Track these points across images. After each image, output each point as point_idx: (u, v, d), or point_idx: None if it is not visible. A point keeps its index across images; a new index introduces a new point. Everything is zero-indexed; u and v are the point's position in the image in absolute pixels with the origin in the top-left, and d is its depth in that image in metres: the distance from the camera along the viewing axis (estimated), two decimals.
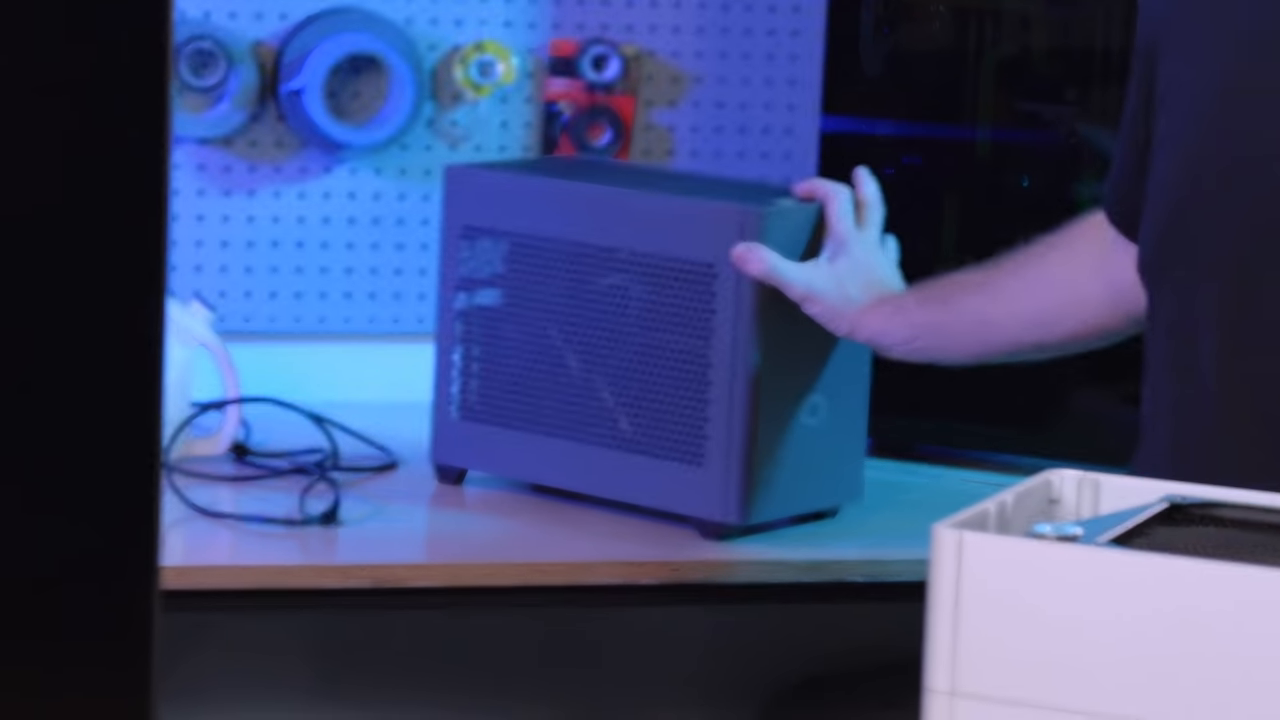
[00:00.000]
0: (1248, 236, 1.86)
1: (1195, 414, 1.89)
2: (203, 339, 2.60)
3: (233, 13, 2.88)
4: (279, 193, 2.92)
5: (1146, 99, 1.98)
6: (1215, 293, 1.86)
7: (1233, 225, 1.86)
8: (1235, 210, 1.87)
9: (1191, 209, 1.89)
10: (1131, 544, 1.13)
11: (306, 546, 2.39)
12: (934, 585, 1.11)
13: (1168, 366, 1.94)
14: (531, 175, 2.66)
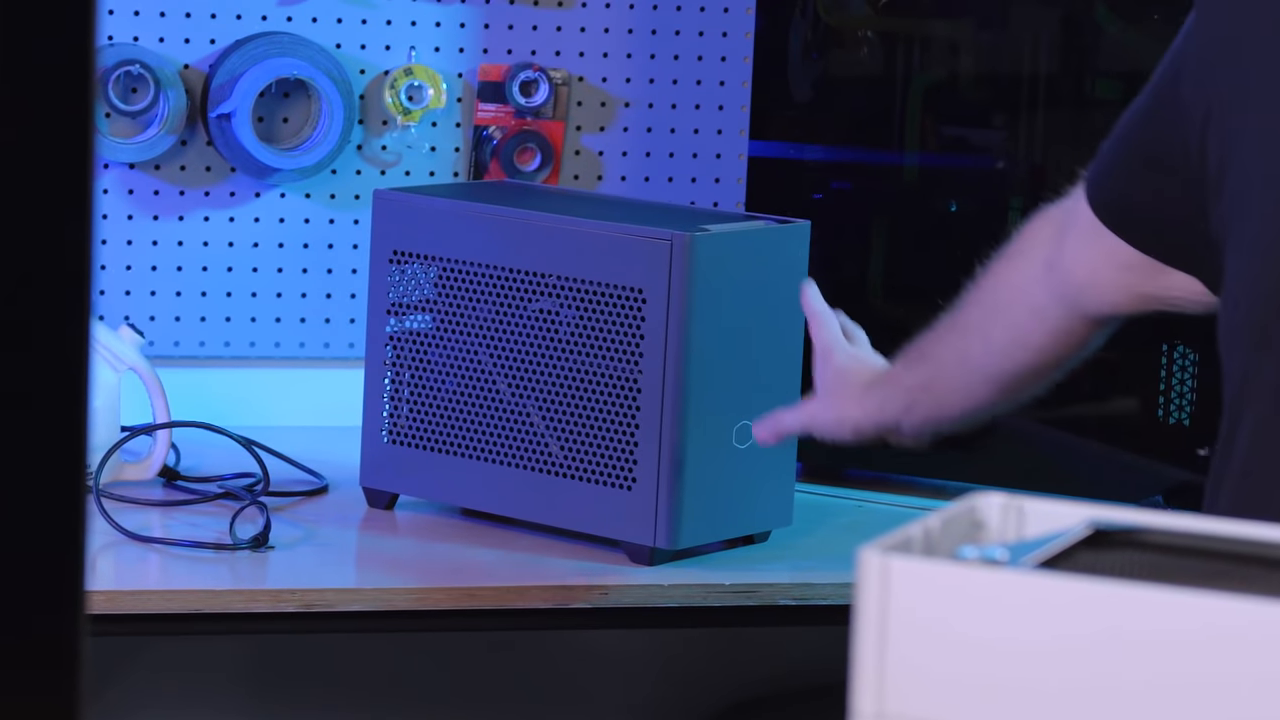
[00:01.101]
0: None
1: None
2: (132, 363, 2.59)
3: (161, 37, 2.87)
4: (208, 217, 2.92)
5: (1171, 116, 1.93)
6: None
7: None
8: None
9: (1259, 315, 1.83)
10: (1055, 567, 1.09)
11: (236, 571, 2.39)
12: (860, 609, 1.07)
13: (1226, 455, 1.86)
14: (461, 200, 2.65)
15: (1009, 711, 1.05)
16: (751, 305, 2.32)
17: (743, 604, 2.30)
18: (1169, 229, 1.96)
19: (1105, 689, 1.06)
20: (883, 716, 1.05)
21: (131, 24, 2.91)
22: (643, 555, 2.21)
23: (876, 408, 2.05)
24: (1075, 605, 1.03)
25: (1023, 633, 1.03)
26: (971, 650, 1.03)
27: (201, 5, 2.94)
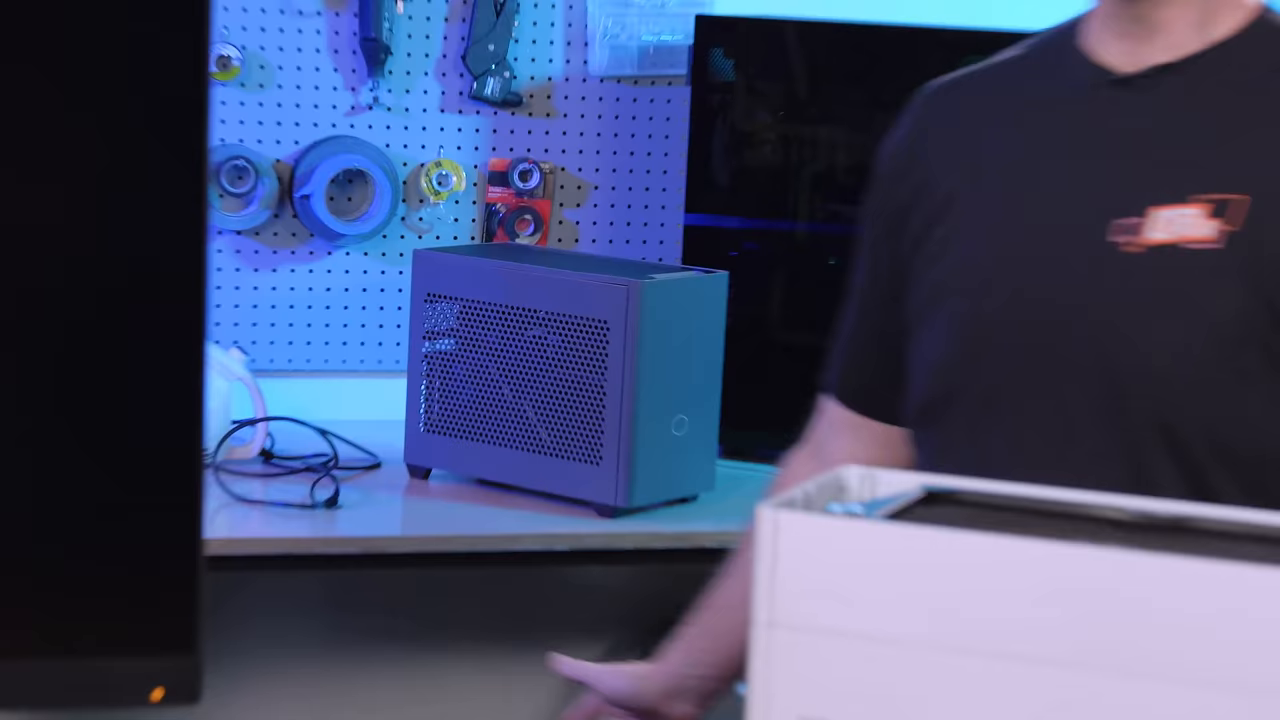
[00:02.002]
0: (1026, 371, 1.62)
1: None
2: (239, 375, 2.62)
3: (259, 139, 2.87)
4: (294, 269, 2.93)
5: (897, 267, 1.69)
6: (1006, 417, 1.60)
7: (1018, 361, 1.60)
8: (1018, 350, 1.61)
9: (982, 350, 1.61)
10: (897, 519, 1.10)
11: (315, 524, 2.41)
12: (758, 548, 1.06)
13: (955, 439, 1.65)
14: (476, 257, 2.68)
15: (863, 614, 1.04)
16: (686, 332, 2.35)
17: (678, 547, 2.36)
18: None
19: (926, 597, 1.04)
20: (773, 624, 1.06)
21: (238, 129, 2.88)
22: (607, 511, 2.26)
23: (678, 658, 1.65)
24: (910, 544, 1.03)
25: (872, 562, 1.04)
26: (836, 574, 1.04)
27: (288, 114, 2.93)
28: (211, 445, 2.55)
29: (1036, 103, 1.65)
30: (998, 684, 1.00)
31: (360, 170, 2.84)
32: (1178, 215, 1.52)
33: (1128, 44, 1.56)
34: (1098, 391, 1.53)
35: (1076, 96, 1.62)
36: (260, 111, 2.90)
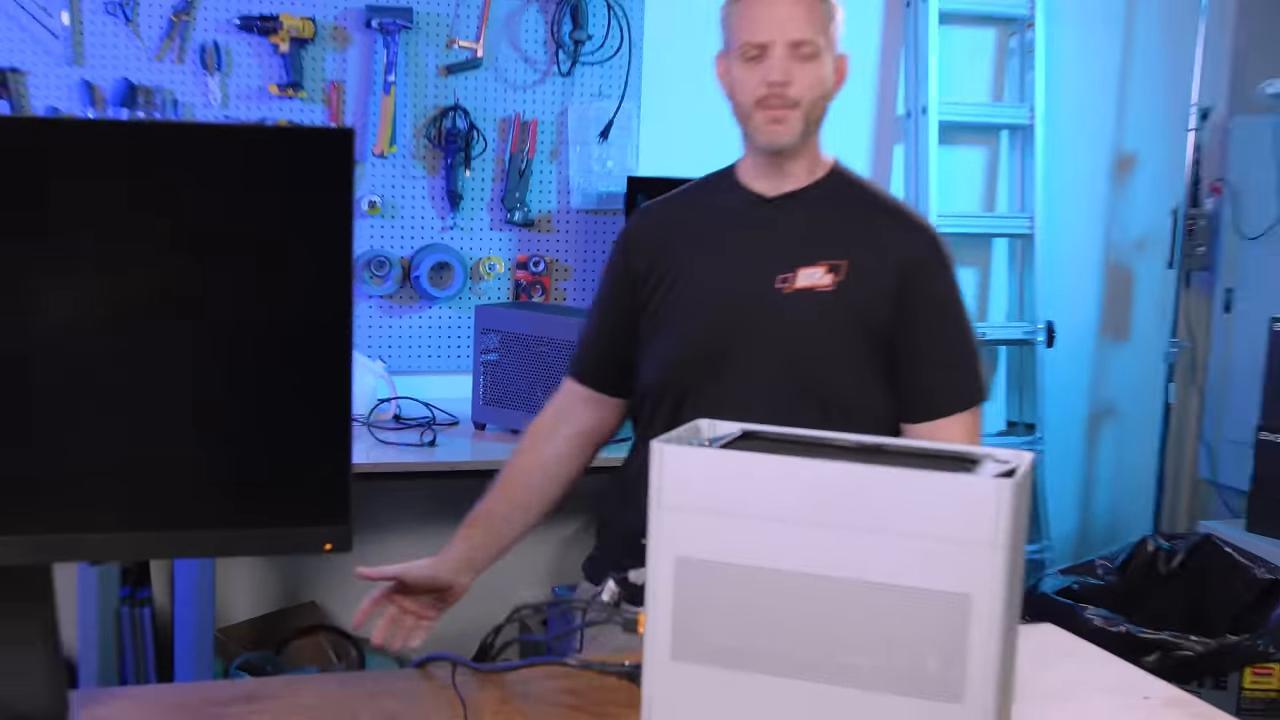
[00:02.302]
0: (729, 357, 1.73)
1: None
2: (381, 374, 3.01)
3: (392, 244, 3.18)
4: (411, 316, 3.24)
5: (631, 307, 1.80)
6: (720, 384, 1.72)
7: (725, 351, 1.73)
8: (724, 346, 1.73)
9: (703, 347, 1.74)
10: (726, 448, 1.18)
11: (421, 454, 2.69)
12: (653, 466, 1.14)
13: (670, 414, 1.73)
14: (510, 308, 2.97)
15: (711, 498, 1.14)
16: None
17: None
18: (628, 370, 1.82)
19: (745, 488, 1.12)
20: (661, 506, 1.15)
21: (381, 240, 3.17)
22: None
23: (442, 561, 1.65)
24: (736, 461, 1.14)
25: (715, 471, 1.14)
26: (696, 478, 1.14)
27: (408, 231, 3.19)
28: (366, 411, 2.90)
29: (720, 211, 1.79)
30: (785, 535, 1.11)
31: (447, 261, 3.18)
32: (811, 272, 1.72)
33: (769, 181, 1.76)
34: (772, 369, 1.71)
35: (744, 209, 1.77)
36: (392, 229, 3.19)
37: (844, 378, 1.73)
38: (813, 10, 1.69)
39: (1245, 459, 3.18)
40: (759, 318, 1.73)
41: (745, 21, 1.70)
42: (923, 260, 1.75)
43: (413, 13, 3.11)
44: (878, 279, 1.72)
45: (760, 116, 1.69)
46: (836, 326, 1.72)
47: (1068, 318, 3.80)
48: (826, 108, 1.74)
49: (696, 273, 1.77)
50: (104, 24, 2.99)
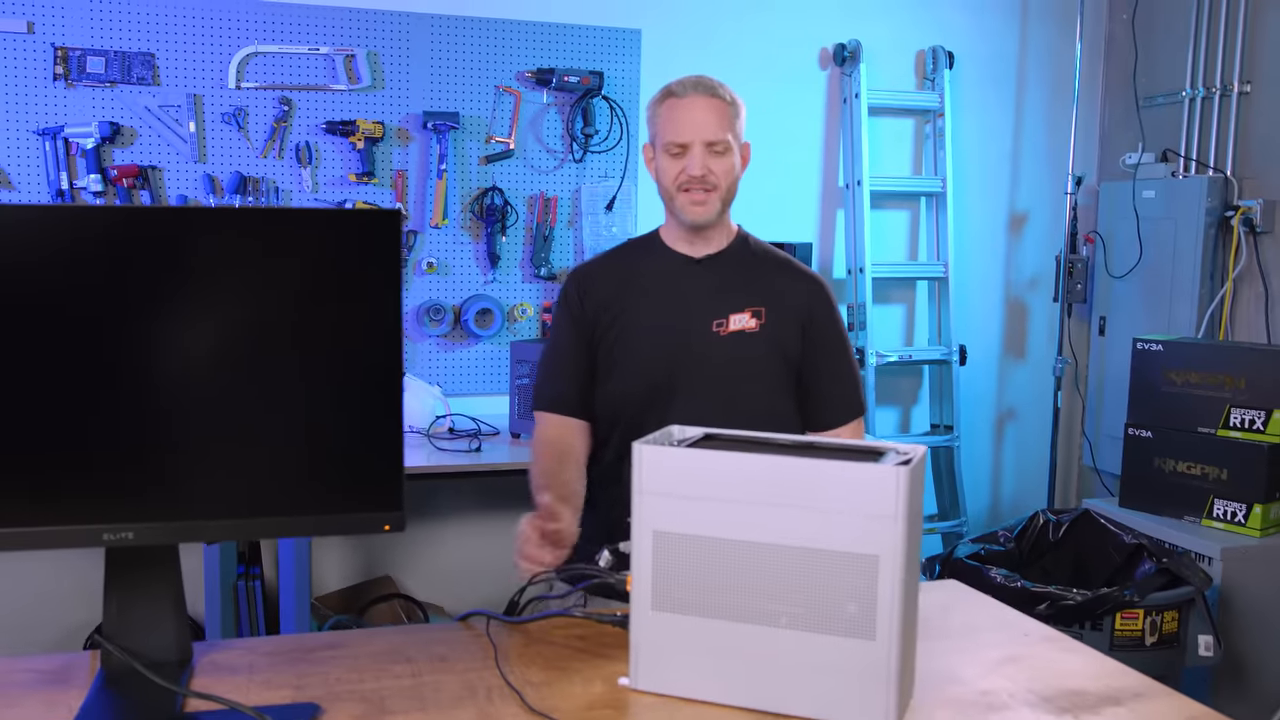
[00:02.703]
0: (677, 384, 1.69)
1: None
2: (438, 396, 2.99)
3: (445, 297, 3.17)
4: (462, 350, 3.21)
5: (589, 341, 1.73)
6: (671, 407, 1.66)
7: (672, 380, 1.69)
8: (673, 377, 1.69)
9: (655, 380, 1.69)
10: (692, 448, 1.19)
11: (470, 458, 2.64)
12: (635, 462, 1.17)
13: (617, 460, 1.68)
14: (537, 344, 2.81)
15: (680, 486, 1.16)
16: None
17: None
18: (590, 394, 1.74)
19: (707, 480, 1.15)
20: (642, 491, 1.18)
21: (436, 292, 3.17)
22: None
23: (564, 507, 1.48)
24: (699, 458, 1.17)
25: (684, 465, 1.16)
26: (669, 470, 1.16)
27: (457, 287, 3.18)
28: (426, 426, 2.87)
29: (655, 269, 1.75)
30: (738, 513, 1.12)
31: (489, 308, 3.18)
32: (740, 317, 1.71)
33: (694, 246, 1.75)
34: (712, 399, 1.67)
35: (677, 268, 1.74)
36: (446, 283, 3.19)
37: (766, 400, 1.72)
38: (723, 115, 1.67)
39: (1117, 449, 3.18)
40: (701, 355, 1.71)
41: (669, 124, 1.68)
42: (818, 303, 1.76)
43: (459, 116, 3.15)
44: (789, 320, 1.73)
45: (683, 199, 1.69)
46: (762, 360, 1.72)
47: (977, 342, 3.82)
48: (737, 187, 1.73)
49: (643, 318, 1.73)
50: (221, 130, 3.04)
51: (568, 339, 1.77)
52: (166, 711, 1.09)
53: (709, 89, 1.68)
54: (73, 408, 1.10)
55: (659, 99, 1.72)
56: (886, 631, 1.12)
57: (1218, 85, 3.35)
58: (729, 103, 1.69)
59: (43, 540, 1.11)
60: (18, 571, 2.99)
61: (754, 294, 1.73)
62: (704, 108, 1.66)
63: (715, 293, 1.73)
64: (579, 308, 1.77)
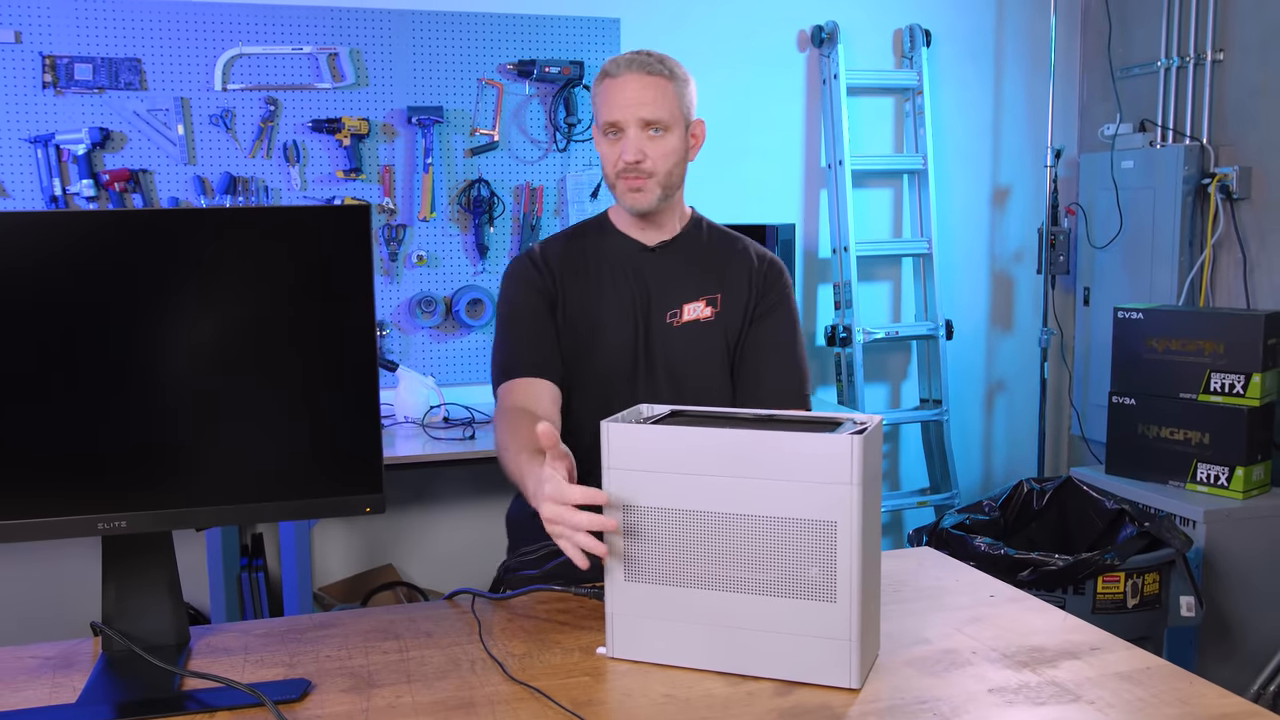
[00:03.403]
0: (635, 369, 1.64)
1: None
2: (432, 386, 2.97)
3: (437, 289, 3.17)
4: (454, 341, 3.23)
5: (552, 312, 1.62)
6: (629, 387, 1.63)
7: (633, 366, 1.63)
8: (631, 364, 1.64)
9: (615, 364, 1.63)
10: (658, 423, 1.22)
11: (464, 445, 2.65)
12: (604, 439, 1.19)
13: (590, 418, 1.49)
14: None
15: (644, 460, 1.18)
16: None
17: None
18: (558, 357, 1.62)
19: (669, 453, 1.18)
20: (610, 467, 1.20)
21: (427, 284, 3.13)
22: None
23: None
24: (663, 433, 1.18)
25: (650, 439, 1.19)
26: (634, 446, 1.19)
27: (448, 278, 3.15)
28: (421, 415, 2.88)
29: (609, 255, 1.66)
30: (702, 485, 1.16)
31: (479, 298, 3.18)
32: (694, 306, 1.66)
33: (645, 233, 1.67)
34: (666, 387, 1.64)
35: (630, 255, 1.66)
36: (436, 275, 3.19)
37: (713, 385, 1.66)
38: (662, 91, 1.56)
39: (1104, 418, 3.21)
40: (656, 348, 1.64)
41: (603, 103, 1.58)
42: (771, 287, 1.69)
43: (443, 110, 3.16)
44: (742, 304, 1.68)
45: (622, 185, 1.59)
46: (714, 349, 1.66)
47: (963, 315, 3.84)
48: (684, 170, 1.63)
49: (604, 308, 1.64)
50: (210, 132, 3.07)
51: (533, 306, 1.62)
52: (165, 691, 1.13)
53: (645, 65, 1.57)
54: (66, 404, 1.13)
55: (598, 79, 1.62)
56: (847, 593, 1.15)
57: (1191, 54, 3.37)
58: (669, 78, 1.58)
59: (41, 531, 1.14)
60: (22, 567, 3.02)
61: (707, 281, 1.67)
62: (639, 85, 1.55)
63: (669, 281, 1.66)
64: (539, 281, 1.63)
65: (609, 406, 1.53)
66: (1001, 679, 1.19)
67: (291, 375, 1.19)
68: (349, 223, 1.18)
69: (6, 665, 1.24)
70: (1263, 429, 2.87)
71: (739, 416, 1.27)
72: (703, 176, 3.43)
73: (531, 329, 1.62)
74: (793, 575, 1.17)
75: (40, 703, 1.14)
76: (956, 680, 1.18)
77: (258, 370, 1.17)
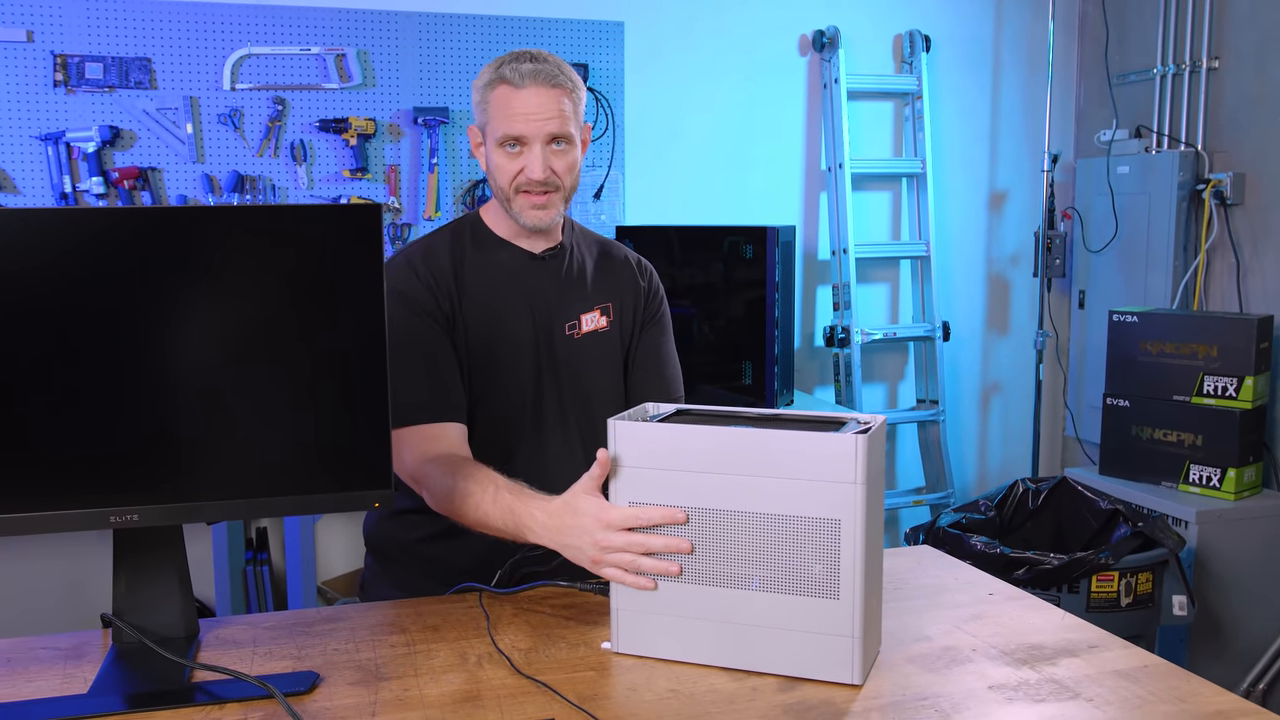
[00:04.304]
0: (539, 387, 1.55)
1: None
2: None
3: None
4: None
5: (450, 336, 1.50)
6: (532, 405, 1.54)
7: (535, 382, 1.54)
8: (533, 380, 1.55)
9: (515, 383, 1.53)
10: (664, 421, 1.21)
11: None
12: (611, 436, 1.19)
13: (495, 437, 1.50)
14: None
15: (651, 458, 1.18)
16: None
17: None
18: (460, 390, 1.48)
19: (674, 451, 1.17)
20: (620, 463, 1.20)
21: None
22: None
23: None
24: (668, 431, 1.18)
25: (655, 437, 1.18)
26: (641, 443, 1.19)
27: None
28: None
29: (496, 267, 1.54)
30: (707, 482, 1.15)
31: None
32: (591, 317, 1.60)
33: (532, 241, 1.56)
34: (568, 393, 1.57)
35: (519, 265, 1.55)
36: None
37: (614, 397, 1.61)
38: (565, 104, 1.46)
39: (1098, 419, 3.22)
40: (560, 363, 1.56)
41: (503, 114, 1.46)
42: (653, 293, 1.67)
43: (449, 110, 3.16)
44: (631, 313, 1.64)
45: (522, 201, 1.49)
46: (612, 359, 1.62)
47: (959, 317, 3.84)
48: (579, 180, 1.55)
49: (501, 325, 1.53)
50: (218, 131, 3.07)
51: (429, 333, 1.48)
52: (175, 682, 1.13)
53: (549, 78, 1.46)
54: (79, 399, 1.13)
55: (491, 83, 1.48)
56: (850, 591, 1.15)
57: (1188, 61, 3.37)
58: (570, 88, 1.48)
59: (54, 524, 1.14)
60: (32, 560, 3.03)
61: (601, 290, 1.61)
62: (545, 99, 1.45)
63: (562, 292, 1.57)
64: (431, 298, 1.50)
65: (514, 424, 1.52)
66: (1001, 676, 1.18)
67: (303, 371, 1.18)
68: (360, 221, 1.17)
69: (19, 655, 1.24)
70: (1254, 431, 2.88)
71: (743, 415, 1.27)
72: (704, 178, 3.40)
73: (433, 363, 1.48)
74: (797, 572, 1.17)
75: (52, 693, 1.14)
76: (957, 677, 1.18)
77: (270, 365, 1.17)
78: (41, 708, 1.08)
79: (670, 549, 1.18)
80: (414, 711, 1.10)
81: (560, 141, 1.49)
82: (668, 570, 1.18)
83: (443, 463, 1.40)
